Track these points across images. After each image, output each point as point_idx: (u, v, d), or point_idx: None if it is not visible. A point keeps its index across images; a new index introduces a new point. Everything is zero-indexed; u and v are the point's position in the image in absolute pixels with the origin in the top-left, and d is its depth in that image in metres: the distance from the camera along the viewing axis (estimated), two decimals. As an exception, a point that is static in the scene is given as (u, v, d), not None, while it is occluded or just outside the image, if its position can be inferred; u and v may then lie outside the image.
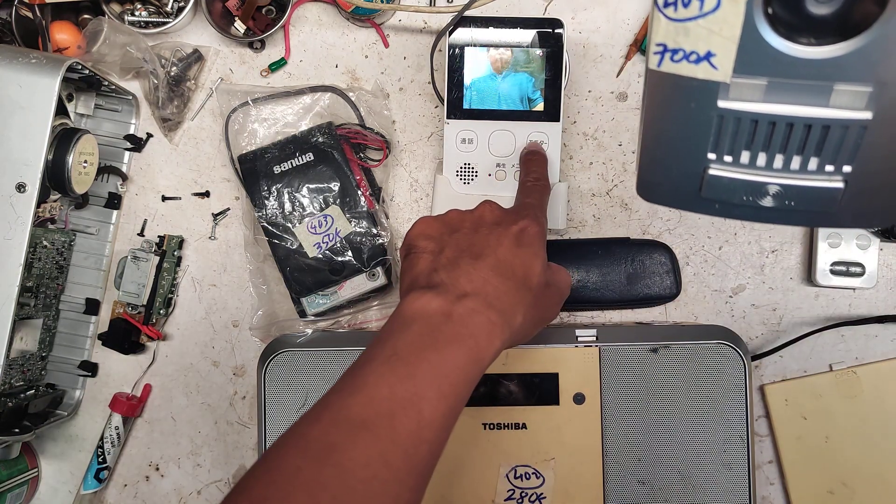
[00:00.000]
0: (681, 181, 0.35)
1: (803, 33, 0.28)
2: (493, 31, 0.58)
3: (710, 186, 0.34)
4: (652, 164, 0.35)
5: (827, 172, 0.32)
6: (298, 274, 0.62)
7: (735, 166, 0.33)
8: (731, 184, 0.33)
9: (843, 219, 0.34)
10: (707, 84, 0.30)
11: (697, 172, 0.34)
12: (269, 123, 0.65)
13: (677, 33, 0.29)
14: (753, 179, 0.33)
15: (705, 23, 0.29)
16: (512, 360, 0.60)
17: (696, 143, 0.33)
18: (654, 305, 0.65)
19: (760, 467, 0.64)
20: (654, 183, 0.36)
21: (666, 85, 0.31)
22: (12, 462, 0.63)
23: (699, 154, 0.33)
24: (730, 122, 0.31)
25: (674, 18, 0.29)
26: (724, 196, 0.34)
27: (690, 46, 0.30)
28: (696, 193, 0.35)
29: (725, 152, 0.33)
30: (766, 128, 0.31)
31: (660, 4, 0.29)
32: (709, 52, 0.29)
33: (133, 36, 0.62)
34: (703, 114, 0.31)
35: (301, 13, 0.67)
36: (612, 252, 0.64)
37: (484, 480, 0.60)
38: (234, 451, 0.66)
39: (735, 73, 0.30)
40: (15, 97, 0.53)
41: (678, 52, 0.30)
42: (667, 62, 0.31)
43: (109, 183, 0.66)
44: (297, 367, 0.60)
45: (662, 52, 0.31)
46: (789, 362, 0.65)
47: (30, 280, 0.60)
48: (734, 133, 0.32)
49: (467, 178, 0.61)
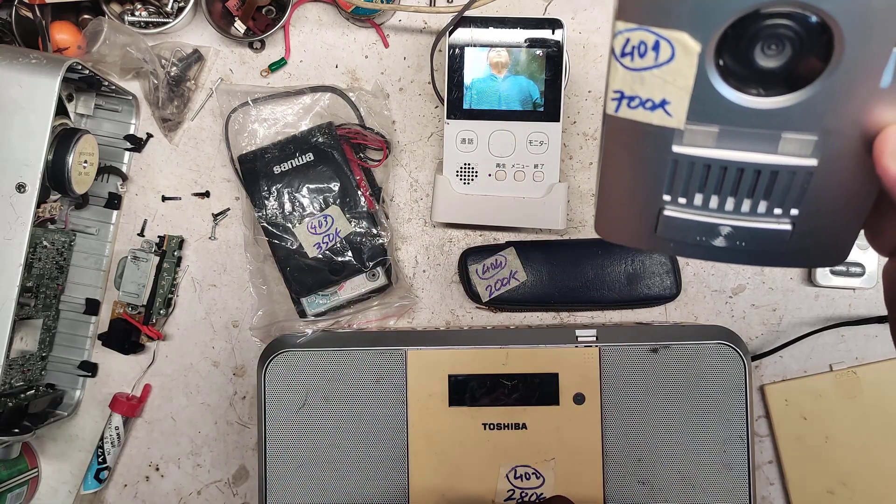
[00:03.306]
0: (637, 220, 0.35)
1: (753, 85, 0.29)
2: (493, 31, 0.58)
3: (665, 226, 0.35)
4: (609, 204, 0.36)
5: (775, 215, 0.33)
6: (298, 274, 0.62)
7: (689, 208, 0.34)
8: (684, 224, 0.34)
9: (790, 259, 0.35)
10: (662, 130, 0.31)
11: (653, 213, 0.35)
12: (269, 123, 0.65)
13: (633, 81, 0.30)
14: (706, 221, 0.34)
15: (660, 73, 0.30)
16: (512, 360, 0.60)
17: (652, 185, 0.34)
18: (654, 305, 0.65)
19: (760, 467, 0.64)
20: (612, 221, 0.37)
21: (623, 130, 0.32)
22: (12, 462, 0.63)
23: (655, 195, 0.34)
24: (684, 167, 0.32)
25: (630, 68, 0.30)
26: (679, 236, 0.35)
27: (646, 94, 0.31)
28: (651, 233, 0.35)
29: (680, 194, 0.33)
30: (718, 172, 0.32)
31: (617, 54, 0.30)
32: (664, 100, 0.31)
33: (133, 36, 0.62)
34: (658, 158, 0.33)
35: (301, 13, 0.67)
36: (611, 252, 0.64)
37: (484, 480, 0.60)
38: (234, 451, 0.66)
39: (688, 121, 0.31)
40: (15, 97, 0.53)
41: (634, 100, 0.31)
42: (623, 108, 0.32)
43: (109, 183, 0.66)
44: (297, 367, 0.60)
45: (619, 98, 0.31)
46: (789, 362, 0.65)
47: (30, 280, 0.60)
48: (688, 176, 0.33)
49: (467, 178, 0.61)
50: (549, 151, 0.60)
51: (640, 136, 0.32)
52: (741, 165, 0.32)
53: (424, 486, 0.60)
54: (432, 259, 0.66)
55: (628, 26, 0.29)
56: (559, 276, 0.64)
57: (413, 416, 0.60)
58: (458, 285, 0.66)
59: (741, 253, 0.35)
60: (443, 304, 0.66)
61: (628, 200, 0.35)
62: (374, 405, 0.60)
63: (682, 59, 0.29)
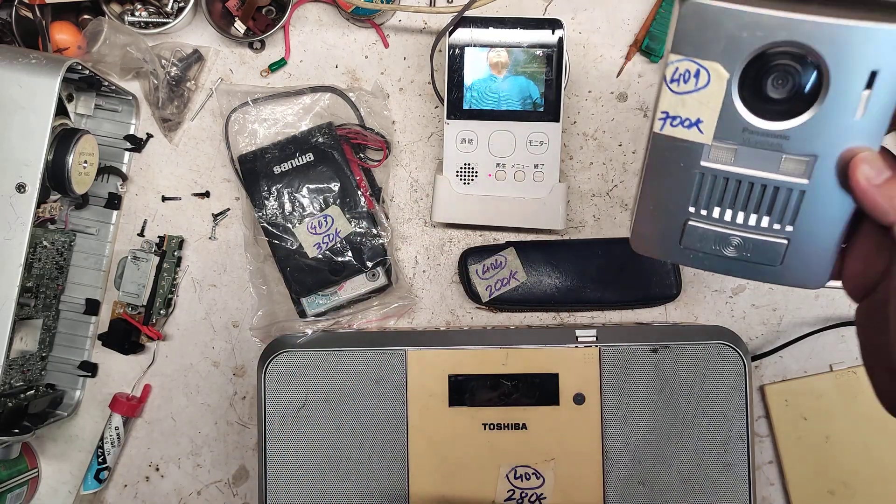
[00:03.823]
0: (667, 232, 0.44)
1: (764, 112, 0.38)
2: (493, 31, 0.58)
3: (689, 236, 0.43)
4: (646, 218, 0.44)
5: (774, 230, 0.41)
6: (298, 274, 0.62)
7: (708, 220, 0.42)
8: (704, 234, 0.42)
9: (785, 276, 0.42)
10: (694, 145, 0.40)
11: (680, 224, 0.43)
12: (269, 124, 0.65)
13: (677, 104, 0.39)
14: (722, 231, 0.42)
15: (698, 96, 0.39)
16: (512, 360, 0.60)
17: (682, 198, 0.42)
18: (654, 305, 0.65)
19: (760, 467, 0.64)
20: (645, 235, 0.45)
21: (665, 146, 0.41)
22: (12, 462, 0.63)
23: (683, 207, 0.42)
24: (708, 179, 0.41)
25: (676, 92, 0.39)
26: (698, 245, 0.43)
27: (685, 114, 0.40)
28: (677, 244, 0.44)
29: (703, 206, 0.42)
30: (734, 186, 0.40)
31: (668, 80, 0.39)
32: (699, 118, 0.39)
33: (133, 36, 0.62)
34: (689, 170, 0.41)
35: (301, 13, 0.67)
36: (612, 252, 0.64)
37: (484, 480, 0.60)
38: (234, 451, 0.66)
39: (715, 138, 0.39)
40: (15, 97, 0.53)
41: (676, 119, 0.40)
42: (667, 126, 0.40)
43: (109, 183, 0.66)
44: (297, 367, 0.60)
45: (665, 118, 0.40)
46: (789, 362, 0.65)
47: (30, 280, 0.60)
48: (710, 189, 0.41)
49: (467, 178, 0.62)
50: (549, 151, 0.60)
51: (677, 151, 0.41)
52: (751, 180, 0.40)
53: (424, 486, 0.60)
54: (432, 259, 0.66)
55: (678, 57, 0.38)
56: (559, 276, 0.64)
57: (413, 417, 0.60)
58: (458, 285, 0.66)
59: (748, 266, 0.42)
60: (443, 304, 0.66)
61: (662, 213, 0.43)
62: (374, 405, 0.60)
63: (715, 84, 0.38)
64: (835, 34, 0.36)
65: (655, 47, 0.64)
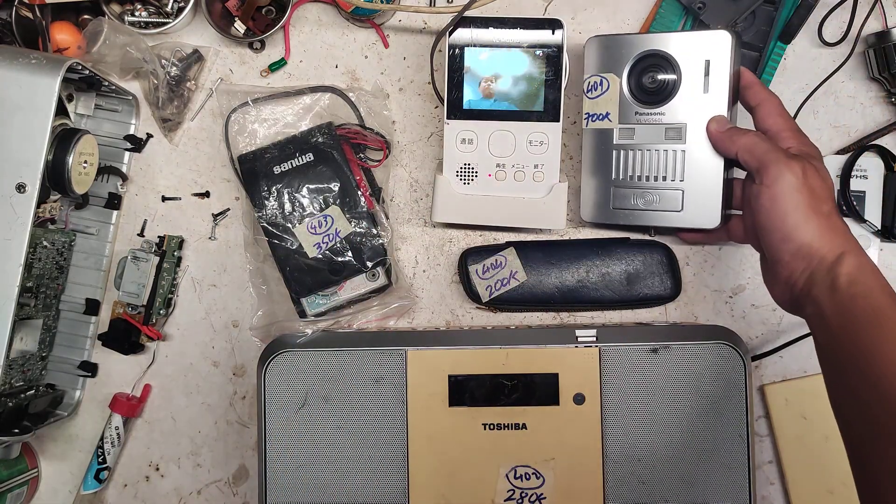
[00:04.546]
0: (602, 199, 0.61)
1: (646, 99, 0.59)
2: (492, 31, 0.58)
3: (616, 199, 0.61)
4: (588, 193, 0.62)
5: (672, 183, 0.59)
6: (298, 274, 0.62)
7: (626, 183, 0.60)
8: (625, 194, 0.60)
9: (687, 219, 0.59)
10: (607, 131, 0.60)
11: (609, 191, 0.61)
12: (269, 124, 0.65)
13: (593, 105, 0.60)
14: (637, 189, 0.60)
15: (604, 97, 0.60)
16: (512, 360, 0.60)
17: (607, 171, 0.61)
18: (654, 306, 0.65)
19: (760, 467, 0.64)
20: (590, 205, 0.62)
21: (591, 137, 0.61)
22: (12, 462, 0.63)
23: (609, 178, 0.61)
24: (621, 154, 0.60)
25: (591, 98, 0.60)
26: (623, 203, 0.60)
27: (599, 111, 0.60)
28: (610, 207, 0.61)
29: (620, 174, 0.60)
30: (638, 155, 0.60)
31: (585, 91, 0.60)
32: (607, 112, 0.60)
33: (133, 36, 0.62)
34: (608, 150, 0.60)
35: (301, 13, 0.67)
36: (611, 252, 0.64)
37: (484, 480, 0.60)
38: (234, 451, 0.66)
39: (619, 123, 0.60)
40: (15, 97, 0.53)
41: (594, 116, 0.60)
42: (590, 123, 0.61)
43: (109, 183, 0.66)
44: (297, 367, 0.60)
45: (587, 117, 0.61)
46: (789, 362, 0.65)
47: (30, 280, 0.60)
48: (623, 160, 0.60)
49: (467, 178, 0.61)
50: (549, 151, 0.60)
51: (599, 138, 0.61)
52: (647, 148, 0.59)
53: (424, 486, 0.60)
54: (432, 259, 0.66)
55: (589, 74, 0.60)
56: (559, 277, 0.64)
57: (413, 417, 0.60)
58: (458, 285, 0.66)
59: (659, 213, 0.59)
60: (443, 304, 0.66)
61: (597, 185, 0.61)
62: (374, 405, 0.60)
63: (613, 86, 0.59)
64: (679, 40, 0.57)
65: (655, 47, 0.64)
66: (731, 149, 0.54)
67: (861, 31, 0.64)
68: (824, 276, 0.47)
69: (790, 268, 0.50)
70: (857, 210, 0.63)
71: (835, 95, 0.66)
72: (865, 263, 0.47)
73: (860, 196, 0.64)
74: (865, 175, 0.64)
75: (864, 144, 0.65)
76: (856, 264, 0.46)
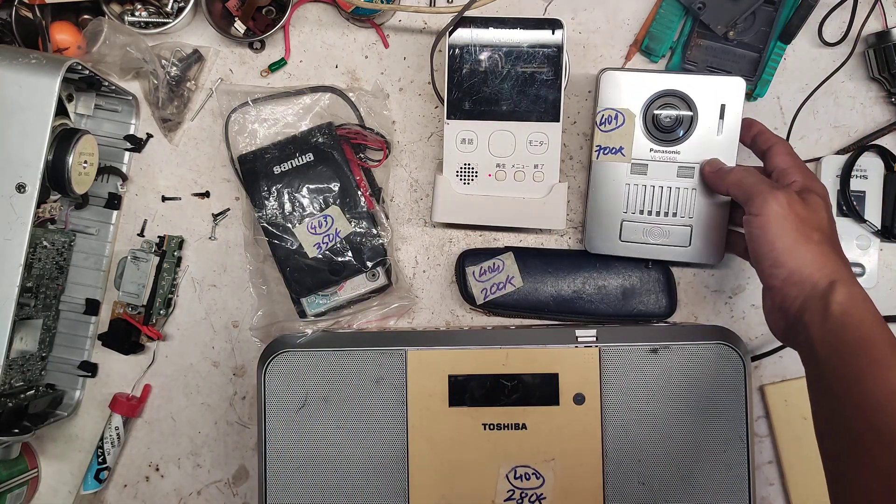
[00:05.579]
0: (610, 232, 0.62)
1: (659, 139, 0.60)
2: (493, 31, 0.58)
3: (625, 231, 0.62)
4: (594, 224, 0.62)
5: (681, 219, 0.61)
6: (298, 274, 0.62)
7: (637, 217, 0.61)
8: (635, 228, 0.61)
9: (694, 254, 0.61)
10: (621, 166, 0.61)
11: (618, 224, 0.62)
12: (269, 124, 0.65)
13: (606, 139, 0.60)
14: (647, 224, 0.61)
15: (618, 131, 0.60)
16: (512, 360, 0.60)
17: (617, 204, 0.61)
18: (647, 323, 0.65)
19: (760, 467, 0.64)
20: (596, 237, 0.62)
21: (602, 170, 0.61)
22: (12, 462, 0.63)
23: (619, 211, 0.61)
24: (632, 189, 0.61)
25: (604, 131, 0.60)
26: (633, 237, 0.61)
27: (612, 145, 0.60)
28: (618, 239, 0.62)
29: (632, 209, 0.61)
30: (650, 191, 0.61)
31: (598, 124, 0.60)
32: (621, 146, 0.60)
33: (133, 36, 0.62)
34: (620, 184, 0.61)
35: (301, 13, 0.67)
36: (610, 266, 0.63)
37: (484, 480, 0.60)
38: (234, 451, 0.66)
39: (633, 159, 0.60)
40: (15, 97, 0.53)
41: (606, 149, 0.60)
42: (601, 155, 0.61)
43: (109, 183, 0.66)
44: (297, 367, 0.60)
45: (599, 150, 0.61)
46: (789, 362, 0.65)
47: (30, 280, 0.60)
48: (635, 195, 0.61)
49: (467, 178, 0.61)
50: (549, 152, 0.60)
51: (610, 171, 0.61)
52: (661, 185, 0.60)
53: (424, 486, 0.60)
54: (432, 259, 0.66)
55: (604, 107, 0.60)
56: (555, 286, 0.63)
57: (413, 417, 0.60)
58: (457, 286, 0.66)
59: (668, 248, 0.61)
60: (443, 305, 0.66)
61: (605, 219, 0.62)
62: (374, 405, 0.60)
63: (629, 122, 0.60)
64: (696, 82, 0.59)
65: (655, 47, 0.64)
66: (722, 186, 0.56)
67: (861, 31, 0.64)
68: (817, 301, 0.48)
69: (783, 293, 0.50)
70: (857, 210, 0.63)
71: (835, 95, 0.66)
72: (857, 293, 0.48)
73: (860, 196, 0.64)
74: (865, 175, 0.64)
75: (864, 144, 0.65)
76: (848, 294, 0.47)
